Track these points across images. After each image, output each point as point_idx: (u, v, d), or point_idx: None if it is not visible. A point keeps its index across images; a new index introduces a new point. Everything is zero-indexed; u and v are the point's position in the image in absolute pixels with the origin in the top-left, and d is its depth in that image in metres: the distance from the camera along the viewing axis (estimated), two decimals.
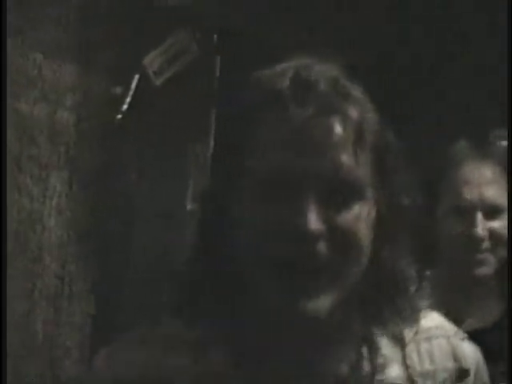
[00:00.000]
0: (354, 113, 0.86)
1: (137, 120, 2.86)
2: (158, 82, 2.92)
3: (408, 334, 0.99)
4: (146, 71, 2.88)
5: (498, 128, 3.19)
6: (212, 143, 3.12)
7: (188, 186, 3.10)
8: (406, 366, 0.97)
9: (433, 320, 1.04)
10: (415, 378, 0.97)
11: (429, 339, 1.01)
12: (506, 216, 1.79)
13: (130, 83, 2.86)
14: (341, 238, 0.84)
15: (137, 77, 2.88)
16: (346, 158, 0.84)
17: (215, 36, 3.13)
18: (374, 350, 0.95)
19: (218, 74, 3.15)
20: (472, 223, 1.76)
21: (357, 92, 0.89)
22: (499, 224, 1.79)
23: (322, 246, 0.83)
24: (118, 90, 2.82)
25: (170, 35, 2.94)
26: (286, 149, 0.84)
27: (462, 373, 1.00)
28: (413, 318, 0.98)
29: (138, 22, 2.83)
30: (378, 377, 0.95)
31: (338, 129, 0.84)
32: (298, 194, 0.83)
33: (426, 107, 3.09)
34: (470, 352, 1.04)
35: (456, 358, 1.02)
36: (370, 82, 0.90)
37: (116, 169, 2.83)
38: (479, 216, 1.76)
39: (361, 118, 0.87)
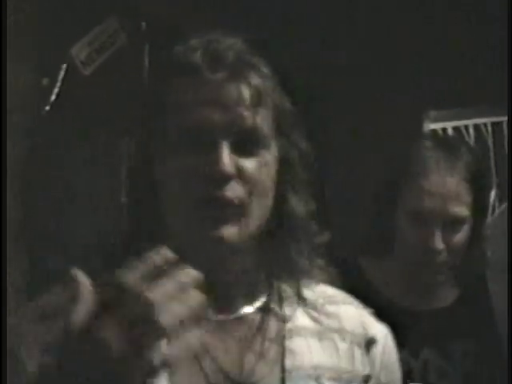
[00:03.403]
0: (256, 80, 1.05)
1: (66, 111, 2.79)
2: (87, 71, 2.86)
3: (310, 295, 1.10)
4: (74, 61, 2.81)
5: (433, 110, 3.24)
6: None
7: (121, 177, 3.05)
8: (313, 321, 1.08)
9: (334, 290, 1.14)
10: (326, 333, 1.07)
11: (336, 303, 1.12)
12: (465, 227, 1.79)
13: (58, 74, 2.79)
14: (248, 180, 1.02)
15: (64, 67, 2.81)
16: (249, 114, 1.03)
17: (143, 24, 3.08)
18: (281, 297, 1.08)
19: (146, 62, 3.11)
20: (431, 235, 1.75)
21: (259, 63, 1.06)
22: (458, 236, 1.78)
23: (232, 186, 1.01)
24: (46, 81, 2.75)
25: (98, 24, 2.89)
26: (203, 107, 1.02)
27: (369, 340, 1.09)
28: (311, 268, 1.08)
29: (65, 10, 2.76)
30: (289, 325, 1.06)
31: (243, 91, 1.03)
32: (212, 143, 1.01)
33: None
34: (378, 325, 1.13)
35: (364, 325, 1.11)
36: (271, 55, 1.09)
37: (46, 162, 2.76)
38: (439, 228, 1.75)
39: (262, 85, 1.05)
